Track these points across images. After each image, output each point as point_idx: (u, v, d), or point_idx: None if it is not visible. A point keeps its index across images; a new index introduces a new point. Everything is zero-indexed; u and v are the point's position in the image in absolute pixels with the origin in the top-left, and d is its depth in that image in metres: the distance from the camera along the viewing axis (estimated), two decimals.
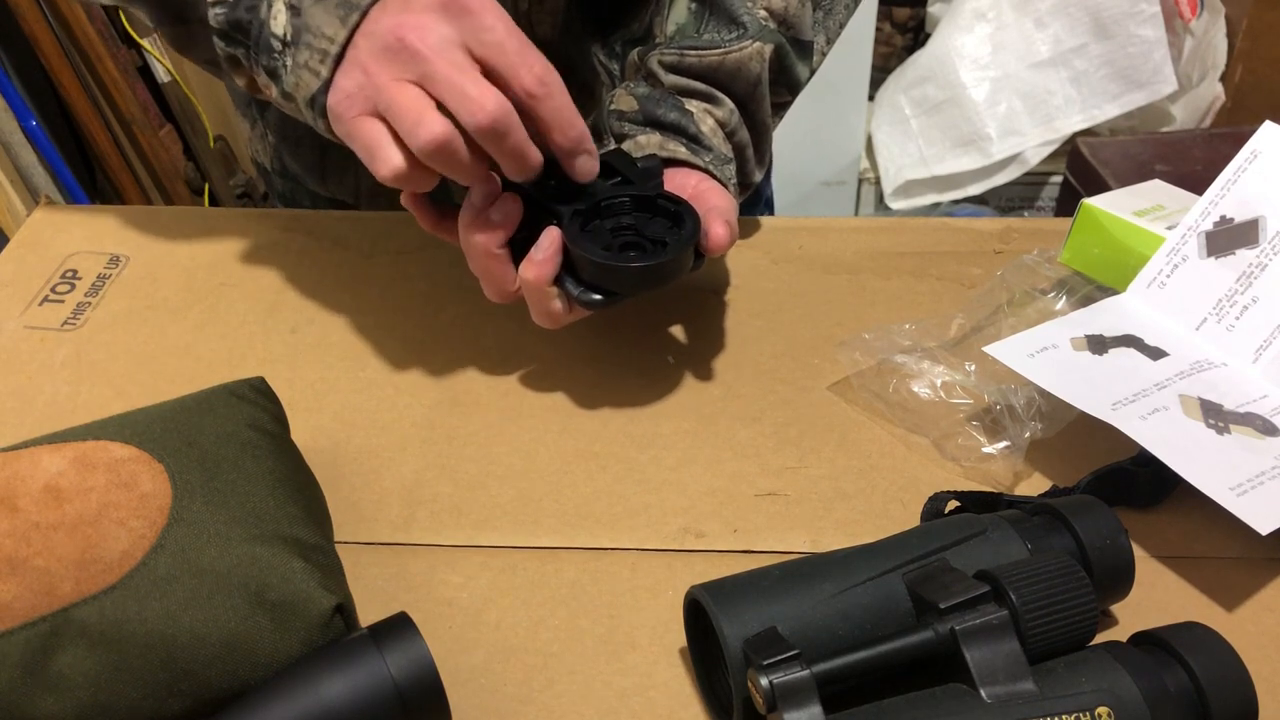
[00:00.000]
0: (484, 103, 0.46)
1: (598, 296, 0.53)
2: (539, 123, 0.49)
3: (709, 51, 0.58)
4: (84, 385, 0.60)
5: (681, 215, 0.54)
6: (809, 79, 0.63)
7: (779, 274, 0.66)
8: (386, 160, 0.47)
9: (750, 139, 0.61)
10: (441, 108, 0.46)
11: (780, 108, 0.64)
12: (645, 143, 0.59)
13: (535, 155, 0.49)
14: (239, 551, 0.41)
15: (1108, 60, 1.75)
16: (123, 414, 0.47)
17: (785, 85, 0.62)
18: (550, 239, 0.51)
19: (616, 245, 0.54)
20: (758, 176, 0.64)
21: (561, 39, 0.66)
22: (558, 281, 0.53)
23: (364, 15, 0.48)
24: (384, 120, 0.48)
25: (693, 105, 0.59)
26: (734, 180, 0.59)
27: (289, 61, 0.50)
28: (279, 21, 0.50)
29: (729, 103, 0.60)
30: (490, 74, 0.47)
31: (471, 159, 0.48)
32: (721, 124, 0.60)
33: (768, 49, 0.59)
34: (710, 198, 0.56)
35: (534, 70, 0.47)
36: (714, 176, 0.58)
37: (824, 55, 0.63)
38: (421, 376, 0.60)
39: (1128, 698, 0.36)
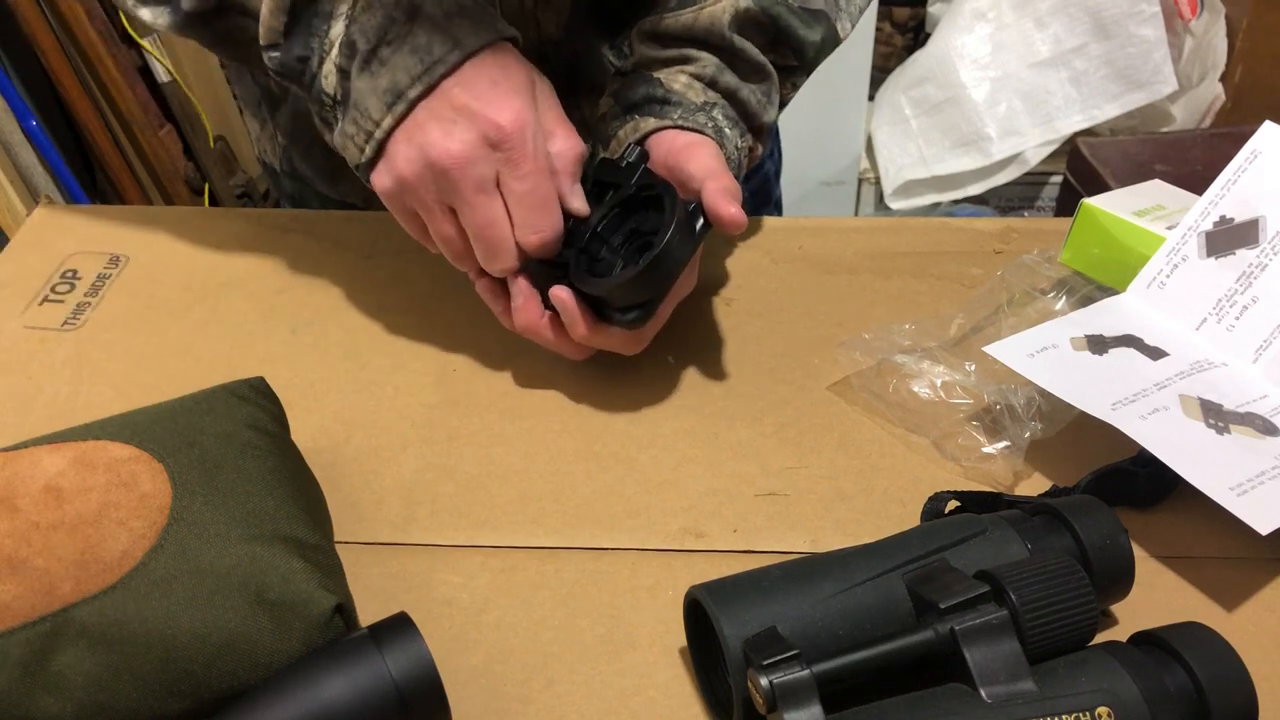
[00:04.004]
0: (501, 263, 0.53)
1: (635, 313, 0.54)
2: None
3: (683, 11, 0.58)
4: (84, 385, 0.60)
5: (660, 197, 0.53)
6: (824, 44, 0.61)
7: (779, 274, 0.66)
8: (432, 247, 0.56)
9: (742, 80, 0.60)
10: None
11: (790, 71, 0.62)
12: (624, 135, 0.59)
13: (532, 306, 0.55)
14: (239, 551, 0.41)
15: (1108, 60, 1.75)
16: (123, 414, 0.47)
17: (790, 48, 0.61)
18: (517, 289, 0.55)
19: (634, 254, 0.54)
20: (768, 116, 0.62)
21: (568, 37, 0.66)
22: (603, 317, 0.54)
23: (410, 108, 0.50)
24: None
25: (661, 73, 0.59)
26: (718, 124, 0.58)
27: (339, 117, 0.53)
28: (330, 81, 0.52)
29: (704, 56, 0.59)
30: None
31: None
32: (696, 76, 0.59)
33: (743, 3, 0.58)
34: (687, 160, 0.55)
35: (540, 236, 0.52)
36: (686, 129, 0.57)
37: (845, 33, 0.62)
38: (421, 376, 0.60)
39: (1128, 698, 0.36)
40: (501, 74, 0.50)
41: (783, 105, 0.64)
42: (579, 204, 0.54)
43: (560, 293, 0.53)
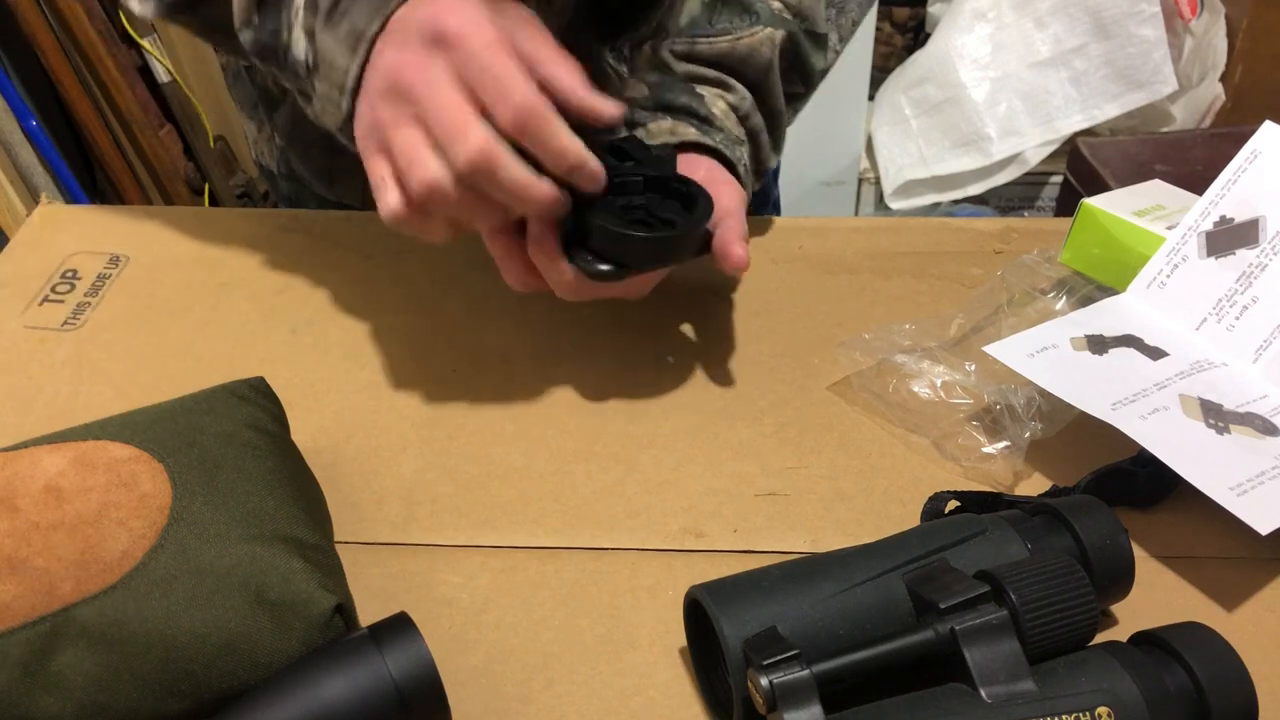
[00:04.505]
0: (466, 143, 0.45)
1: (604, 267, 0.51)
2: (532, 153, 0.47)
3: (720, 38, 0.59)
4: (84, 385, 0.60)
5: (694, 197, 0.53)
6: (823, 73, 0.63)
7: (779, 274, 0.66)
8: (385, 203, 0.48)
9: (764, 124, 0.61)
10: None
11: (794, 99, 0.64)
12: (656, 130, 0.59)
13: (541, 191, 0.47)
14: (239, 551, 0.41)
15: (1108, 60, 1.75)
16: (123, 414, 0.47)
17: (800, 75, 0.62)
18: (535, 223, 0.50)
19: (627, 222, 0.52)
20: (772, 162, 0.64)
21: (568, 40, 0.66)
22: (568, 253, 0.52)
23: (371, 45, 0.48)
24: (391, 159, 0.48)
25: (704, 90, 0.59)
26: (745, 162, 0.59)
27: (315, 85, 0.51)
28: (300, 47, 0.51)
29: (741, 88, 0.60)
30: (481, 106, 0.46)
31: (470, 199, 0.47)
32: (734, 108, 0.60)
33: (779, 35, 0.59)
34: (719, 193, 0.55)
35: (511, 101, 0.45)
36: (725, 156, 0.58)
37: (838, 53, 0.64)
38: (421, 376, 0.60)
39: (1128, 698, 0.36)
40: None
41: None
42: (603, 105, 0.48)
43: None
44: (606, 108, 0.48)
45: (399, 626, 0.41)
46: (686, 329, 0.62)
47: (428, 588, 0.49)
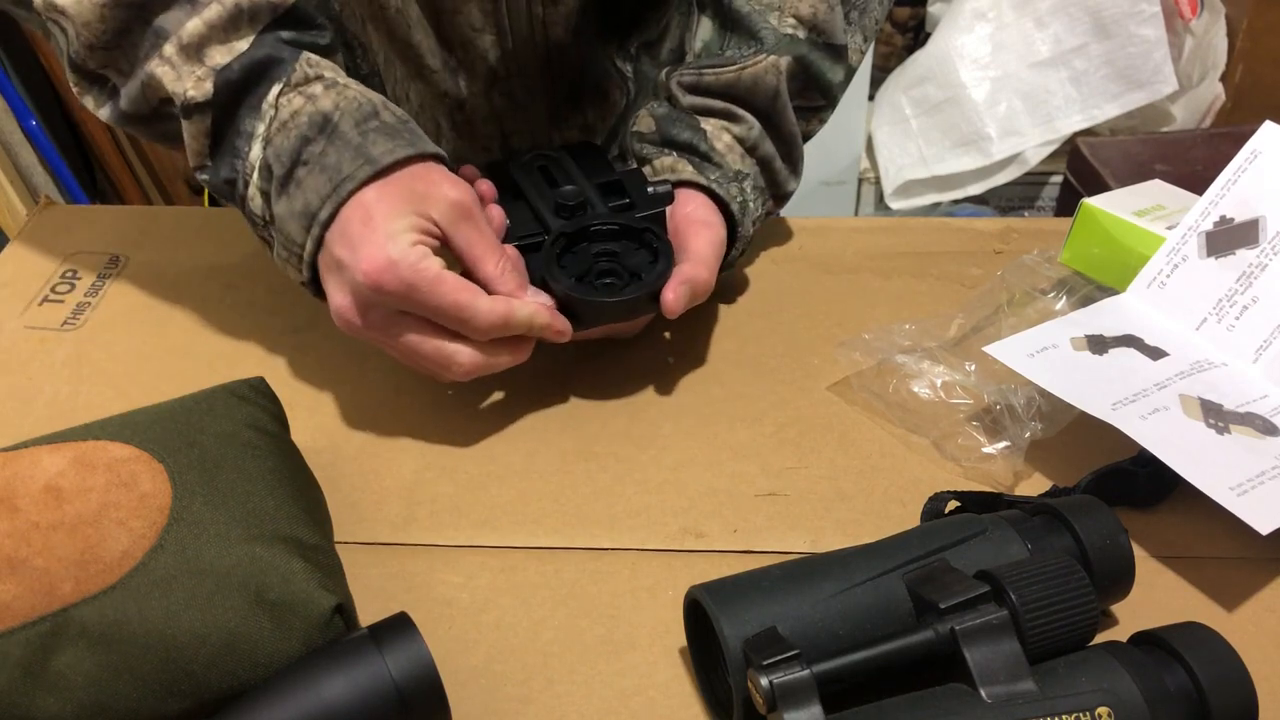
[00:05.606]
0: (458, 369, 0.51)
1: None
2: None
3: (725, 69, 0.59)
4: (84, 385, 0.60)
5: (658, 255, 0.55)
6: (846, 80, 0.63)
7: (779, 274, 0.66)
8: (451, 377, 0.53)
9: (777, 150, 0.62)
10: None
11: (816, 111, 0.64)
12: (660, 166, 0.60)
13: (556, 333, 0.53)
14: (239, 551, 0.41)
15: (1108, 60, 1.75)
16: (123, 414, 0.47)
17: (817, 90, 0.62)
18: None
19: (595, 271, 0.55)
20: (792, 186, 0.64)
21: (575, 41, 0.66)
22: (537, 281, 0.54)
23: (324, 229, 0.50)
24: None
25: (708, 124, 0.60)
26: (741, 198, 0.60)
27: (272, 243, 0.53)
28: (256, 204, 0.52)
29: (750, 118, 0.60)
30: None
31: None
32: (740, 139, 0.60)
33: (784, 61, 0.59)
34: (692, 236, 0.56)
35: (477, 326, 0.50)
36: (715, 195, 0.58)
37: (862, 54, 0.64)
38: (421, 376, 0.60)
39: (1128, 698, 0.36)
40: (381, 206, 0.48)
41: (809, 137, 0.65)
42: (525, 294, 0.53)
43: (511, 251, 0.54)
44: (541, 297, 0.53)
45: (399, 626, 0.41)
46: (686, 329, 0.62)
47: (428, 588, 0.49)
